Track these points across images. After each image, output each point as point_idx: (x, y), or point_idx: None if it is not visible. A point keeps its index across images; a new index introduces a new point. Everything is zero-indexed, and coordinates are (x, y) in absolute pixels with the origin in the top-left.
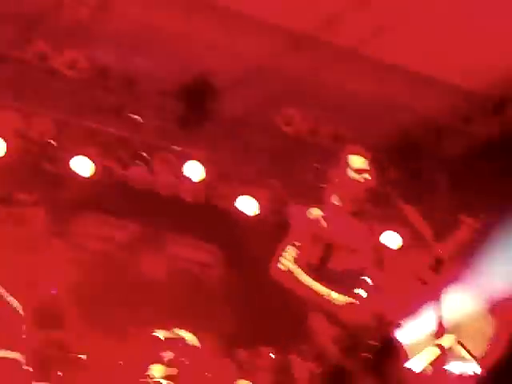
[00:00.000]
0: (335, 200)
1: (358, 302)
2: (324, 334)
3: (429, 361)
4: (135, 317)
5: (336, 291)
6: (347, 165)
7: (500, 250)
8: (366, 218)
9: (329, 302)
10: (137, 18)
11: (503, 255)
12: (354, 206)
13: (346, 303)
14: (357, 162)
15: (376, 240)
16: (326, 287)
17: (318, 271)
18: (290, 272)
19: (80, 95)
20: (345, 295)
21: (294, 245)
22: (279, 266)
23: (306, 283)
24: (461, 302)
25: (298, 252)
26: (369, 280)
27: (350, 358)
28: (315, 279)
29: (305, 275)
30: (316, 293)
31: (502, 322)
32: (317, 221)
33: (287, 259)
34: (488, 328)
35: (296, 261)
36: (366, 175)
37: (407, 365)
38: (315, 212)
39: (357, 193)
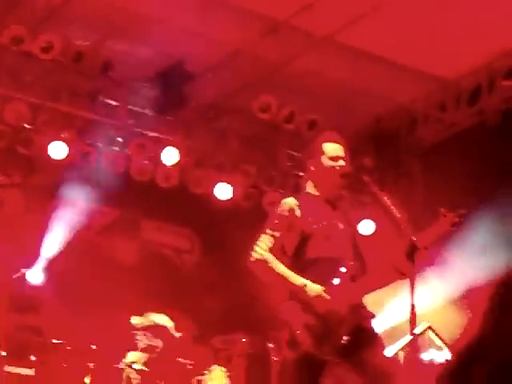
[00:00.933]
0: (310, 188)
1: (332, 291)
2: (298, 322)
3: (402, 347)
4: (110, 302)
5: (311, 280)
6: (322, 152)
7: (474, 240)
8: (342, 205)
9: (303, 291)
10: (112, 2)
11: (477, 245)
12: (329, 193)
13: (321, 292)
14: (331, 149)
15: (352, 228)
16: (301, 276)
17: (293, 260)
18: (264, 261)
19: (55, 79)
20: (320, 284)
21: (268, 234)
22: (253, 254)
23: (281, 272)
24: (434, 290)
25: (273, 241)
26: (344, 269)
27: (324, 346)
28: (290, 268)
29: (279, 264)
30: (290, 282)
31: (473, 311)
32: (292, 210)
33: (262, 248)
34: (460, 316)
35: (271, 250)
36: (341, 162)
37: (382, 353)
38: (290, 201)
39: (332, 180)
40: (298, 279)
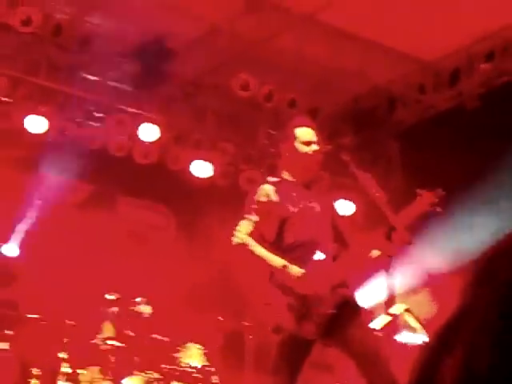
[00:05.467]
0: (285, 174)
1: (313, 272)
2: (279, 304)
3: (380, 327)
4: (86, 277)
5: (291, 262)
6: (294, 138)
7: (452, 222)
8: (319, 187)
9: (284, 272)
10: None
11: (456, 227)
12: (304, 178)
13: (301, 274)
14: (304, 133)
15: (330, 209)
16: (282, 258)
17: (273, 246)
18: (244, 245)
19: (34, 53)
20: (300, 266)
21: (247, 219)
22: (234, 239)
23: (261, 255)
24: (411, 272)
25: (252, 226)
26: (323, 251)
27: (305, 326)
28: (270, 251)
29: (259, 247)
30: (271, 264)
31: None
32: (268, 196)
33: (241, 232)
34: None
35: (251, 234)
36: (314, 146)
37: (366, 326)
38: (266, 187)
39: (306, 165)
40: (278, 261)
